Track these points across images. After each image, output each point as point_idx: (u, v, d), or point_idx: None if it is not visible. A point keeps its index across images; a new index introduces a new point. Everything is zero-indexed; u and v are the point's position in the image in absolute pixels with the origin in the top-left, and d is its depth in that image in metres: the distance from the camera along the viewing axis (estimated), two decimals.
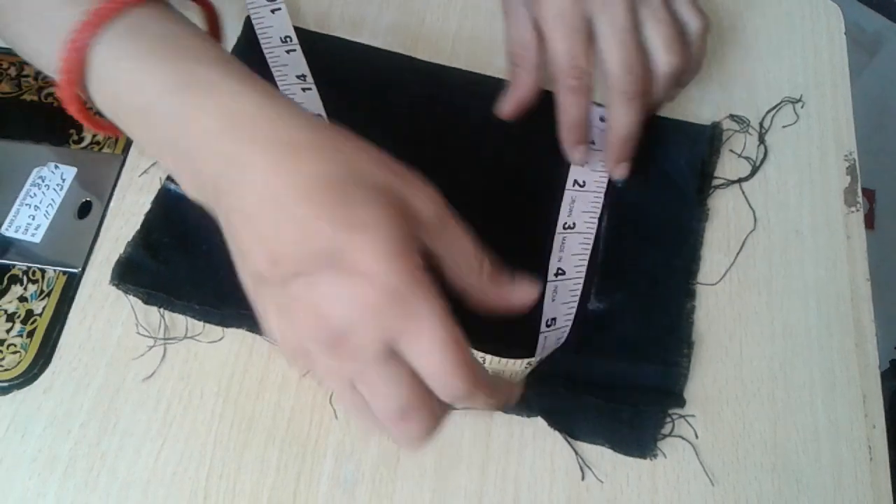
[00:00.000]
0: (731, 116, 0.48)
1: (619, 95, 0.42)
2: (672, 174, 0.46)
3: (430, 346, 0.29)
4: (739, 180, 0.47)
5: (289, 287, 0.29)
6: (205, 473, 0.38)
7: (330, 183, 0.30)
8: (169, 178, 0.45)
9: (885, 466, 0.39)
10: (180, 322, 0.41)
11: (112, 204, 0.45)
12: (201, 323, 0.41)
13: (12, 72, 0.49)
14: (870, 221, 1.39)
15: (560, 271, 0.43)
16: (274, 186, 0.30)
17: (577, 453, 0.39)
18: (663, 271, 0.43)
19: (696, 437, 0.39)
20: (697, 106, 0.49)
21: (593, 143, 0.46)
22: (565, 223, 0.44)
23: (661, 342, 0.41)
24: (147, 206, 0.45)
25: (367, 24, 0.52)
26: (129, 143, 0.47)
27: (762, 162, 0.47)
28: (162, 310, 0.42)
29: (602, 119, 0.46)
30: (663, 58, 0.42)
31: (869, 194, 1.40)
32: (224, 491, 0.37)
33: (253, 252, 0.31)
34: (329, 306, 0.29)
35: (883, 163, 1.39)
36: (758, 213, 0.46)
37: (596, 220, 0.44)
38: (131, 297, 0.42)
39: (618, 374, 0.41)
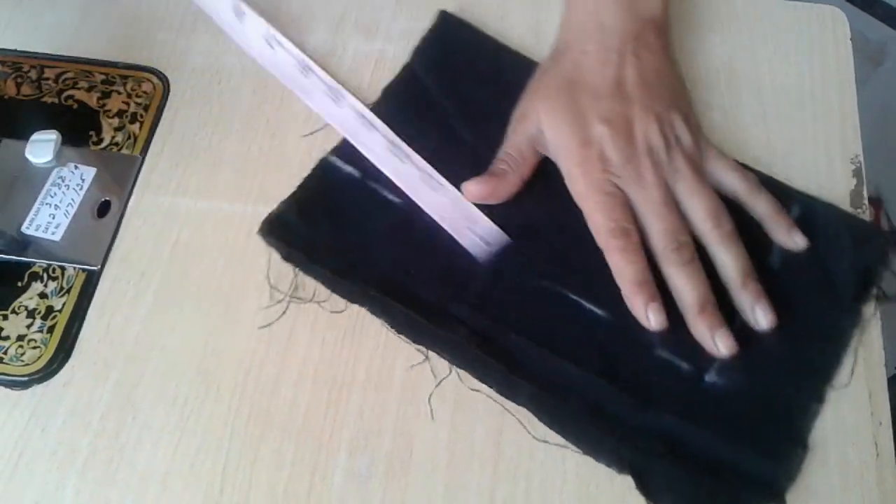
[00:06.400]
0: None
1: (668, 263, 0.42)
2: (832, 271, 0.43)
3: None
4: None
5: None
6: (221, 466, 0.38)
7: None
8: (332, 152, 0.47)
9: (891, 464, 0.39)
10: (310, 284, 0.44)
11: (130, 203, 0.46)
12: (328, 291, 0.43)
13: (33, 74, 0.50)
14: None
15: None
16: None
17: None
18: (795, 365, 0.41)
19: None
20: (705, 111, 0.50)
21: None
22: None
23: (773, 434, 0.39)
24: (164, 206, 0.46)
25: (380, 29, 0.53)
26: (147, 144, 0.48)
27: None
28: (296, 269, 0.44)
29: None
30: (705, 230, 0.43)
31: (875, 204, 1.40)
32: (240, 484, 0.38)
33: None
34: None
35: (888, 171, 1.39)
36: None
37: None
38: (273, 254, 0.44)
39: (720, 451, 0.39)
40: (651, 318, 0.41)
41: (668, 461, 0.38)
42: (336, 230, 0.45)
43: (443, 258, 0.44)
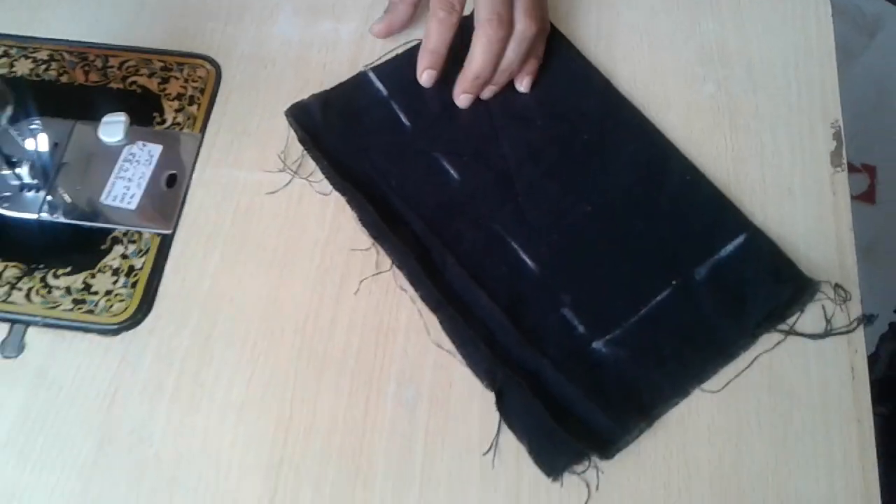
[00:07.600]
0: (837, 286, 0.48)
1: (479, 32, 0.49)
2: (748, 297, 0.47)
3: None
4: (788, 331, 0.47)
5: None
6: (290, 396, 0.45)
7: None
8: (372, 67, 0.56)
9: (864, 384, 0.45)
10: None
11: (194, 175, 0.52)
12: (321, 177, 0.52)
13: (98, 63, 0.56)
14: (871, 196, 1.43)
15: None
16: None
17: None
18: (674, 359, 0.46)
19: None
20: (701, 83, 0.56)
21: None
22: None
23: (624, 403, 0.44)
24: (224, 177, 0.52)
25: (419, 24, 0.58)
26: (205, 123, 0.54)
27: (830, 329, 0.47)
28: (304, 151, 0.53)
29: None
30: (523, 21, 0.49)
31: (870, 170, 1.45)
32: (306, 411, 0.45)
33: None
34: None
35: (883, 139, 1.44)
36: (754, 174, 0.52)
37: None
38: (291, 133, 0.54)
39: (575, 403, 0.44)
40: (424, 77, 0.53)
41: (530, 394, 0.44)
42: (346, 131, 0.53)
43: (422, 182, 0.52)
